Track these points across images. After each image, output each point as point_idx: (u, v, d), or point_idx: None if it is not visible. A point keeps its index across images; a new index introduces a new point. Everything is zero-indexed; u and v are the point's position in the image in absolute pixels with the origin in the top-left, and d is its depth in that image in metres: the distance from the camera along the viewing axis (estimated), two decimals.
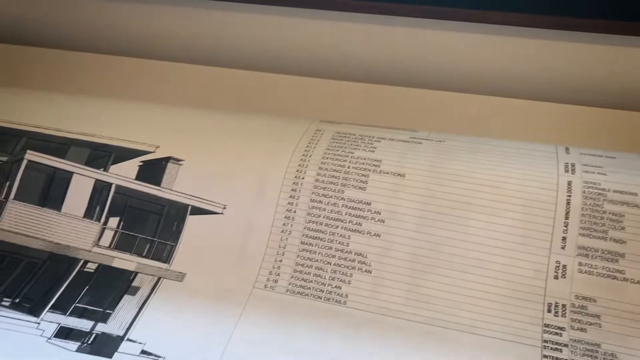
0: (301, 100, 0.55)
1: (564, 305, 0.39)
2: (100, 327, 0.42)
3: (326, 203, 0.44)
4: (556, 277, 0.40)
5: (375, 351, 0.39)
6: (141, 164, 0.48)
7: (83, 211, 0.47)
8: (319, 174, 0.45)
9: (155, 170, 0.47)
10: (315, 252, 0.43)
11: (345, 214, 0.44)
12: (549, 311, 0.39)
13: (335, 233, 0.43)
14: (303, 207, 0.44)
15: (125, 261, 0.45)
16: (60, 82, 0.58)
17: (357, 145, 0.46)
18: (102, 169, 0.48)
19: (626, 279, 0.39)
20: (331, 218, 0.44)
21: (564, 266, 0.40)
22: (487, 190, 0.42)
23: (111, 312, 0.42)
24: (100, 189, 0.47)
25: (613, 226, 0.40)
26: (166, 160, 0.47)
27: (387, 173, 0.44)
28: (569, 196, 0.41)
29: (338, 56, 0.55)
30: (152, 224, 0.46)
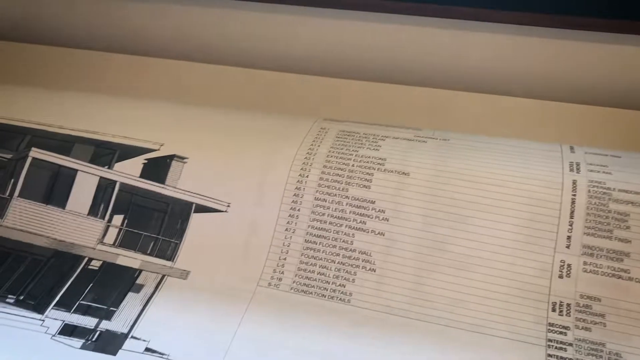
0: (305, 98, 0.55)
1: (569, 304, 0.39)
2: (104, 325, 0.42)
3: (330, 201, 0.44)
4: (561, 277, 0.39)
5: (379, 349, 0.39)
6: (145, 162, 0.48)
7: (87, 209, 0.47)
8: (323, 172, 0.45)
9: (159, 168, 0.47)
10: (319, 251, 0.43)
11: (349, 213, 0.43)
12: (554, 310, 0.39)
13: (339, 231, 0.43)
14: (307, 206, 0.44)
15: (129, 259, 0.45)
16: (65, 80, 0.58)
17: (362, 143, 0.46)
18: (107, 167, 0.48)
19: (631, 279, 0.39)
20: (335, 216, 0.44)
21: (569, 265, 0.40)
22: (492, 189, 0.42)
23: (115, 310, 0.42)
24: (104, 187, 0.47)
25: (618, 225, 0.40)
26: (170, 158, 0.47)
27: (392, 171, 0.44)
28: (574, 195, 0.41)
29: (342, 54, 0.55)
30: (157, 222, 0.46)
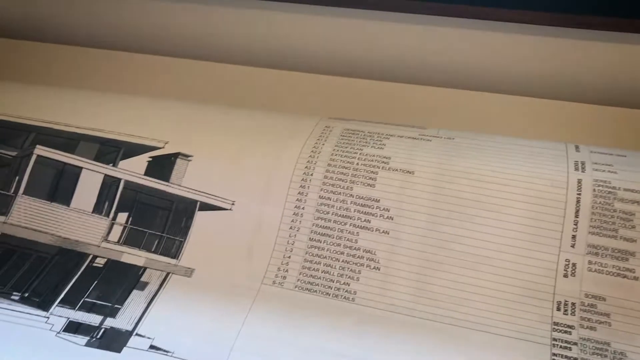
0: (310, 97, 0.55)
1: (574, 303, 0.39)
2: (109, 322, 0.42)
3: (335, 200, 0.44)
4: (565, 276, 0.39)
5: (383, 348, 0.39)
6: (150, 160, 0.48)
7: (92, 206, 0.47)
8: (328, 171, 0.45)
9: (164, 165, 0.47)
10: (323, 249, 0.43)
11: (354, 211, 0.43)
12: (559, 309, 0.39)
13: (343, 230, 0.43)
14: (312, 204, 0.44)
15: (134, 256, 0.45)
16: (70, 78, 0.58)
17: (366, 142, 0.46)
18: (111, 164, 0.48)
19: (636, 278, 0.38)
20: (340, 215, 0.44)
21: (574, 264, 0.39)
22: (497, 187, 0.42)
23: (120, 307, 0.42)
24: (109, 184, 0.47)
25: (623, 225, 0.40)
26: (175, 156, 0.47)
27: (396, 170, 0.44)
28: (579, 194, 0.41)
29: (347, 53, 0.55)
30: (161, 220, 0.46)
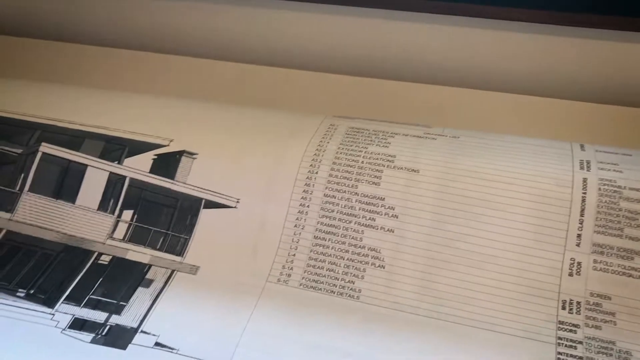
0: (315, 95, 0.55)
1: (579, 302, 0.39)
2: (114, 319, 0.42)
3: (340, 198, 0.44)
4: (571, 274, 0.39)
5: (388, 346, 0.39)
6: (155, 157, 0.48)
7: (97, 204, 0.47)
8: (333, 169, 0.45)
9: (169, 163, 0.47)
10: (328, 247, 0.43)
11: (358, 209, 0.43)
12: (564, 308, 0.39)
13: (348, 228, 0.43)
14: (316, 202, 0.44)
15: (139, 254, 0.45)
16: (75, 76, 0.58)
17: (371, 140, 0.46)
18: (117, 162, 0.48)
19: None
20: (345, 213, 0.44)
21: (579, 263, 0.39)
22: (502, 186, 0.42)
23: (125, 304, 0.43)
24: (114, 182, 0.47)
25: (629, 224, 0.40)
26: (180, 153, 0.47)
27: (401, 168, 0.44)
28: (584, 193, 0.41)
29: (352, 51, 0.55)
30: (166, 217, 0.46)
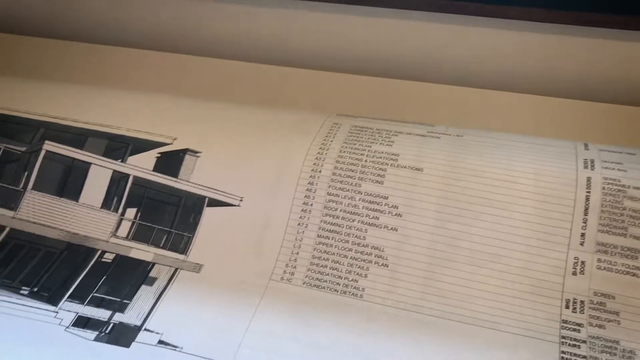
0: (318, 94, 0.55)
1: (582, 301, 0.39)
2: (117, 317, 0.42)
3: (343, 196, 0.44)
4: (574, 273, 0.39)
5: (391, 344, 0.39)
6: (159, 156, 0.48)
7: (101, 202, 0.47)
8: (336, 168, 0.45)
9: (172, 161, 0.47)
10: (331, 246, 0.43)
11: (362, 208, 0.43)
12: (567, 307, 0.39)
13: (352, 227, 0.43)
14: (320, 201, 0.44)
15: (142, 252, 0.45)
16: (78, 74, 0.58)
17: (375, 139, 0.46)
18: (120, 160, 0.48)
19: None
20: (348, 212, 0.44)
21: (583, 262, 0.39)
22: (506, 185, 0.42)
23: (129, 302, 0.43)
24: (117, 180, 0.47)
25: (633, 223, 0.40)
26: (184, 152, 0.47)
27: (405, 167, 0.44)
28: (588, 192, 0.41)
29: (355, 50, 0.55)
30: (170, 216, 0.46)
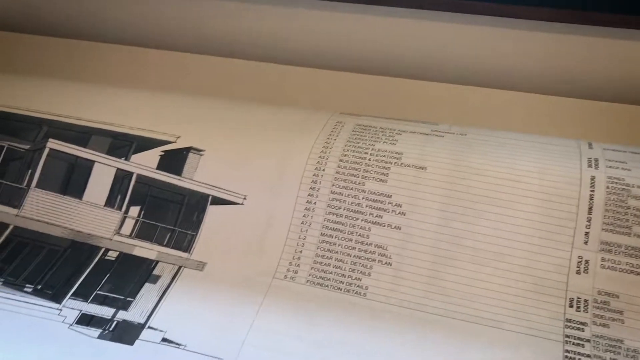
0: (322, 92, 0.55)
1: (586, 300, 0.39)
2: (121, 315, 0.42)
3: (347, 195, 0.44)
4: (578, 272, 0.39)
5: (395, 343, 0.39)
6: (162, 154, 0.48)
7: (104, 200, 0.47)
8: (340, 166, 0.45)
9: (176, 160, 0.47)
10: (335, 244, 0.43)
11: (365, 206, 0.43)
12: (571, 306, 0.39)
13: (355, 225, 0.43)
14: (323, 199, 0.44)
15: (146, 250, 0.45)
16: (82, 73, 0.58)
17: (378, 137, 0.46)
18: (124, 158, 0.48)
19: None
20: (351, 210, 0.44)
21: (587, 261, 0.39)
22: (510, 184, 0.42)
23: (132, 300, 0.43)
24: (121, 178, 0.47)
25: (637, 222, 0.39)
26: (187, 150, 0.47)
27: (409, 166, 0.44)
28: (592, 191, 0.41)
29: (359, 49, 0.55)
30: (173, 214, 0.46)
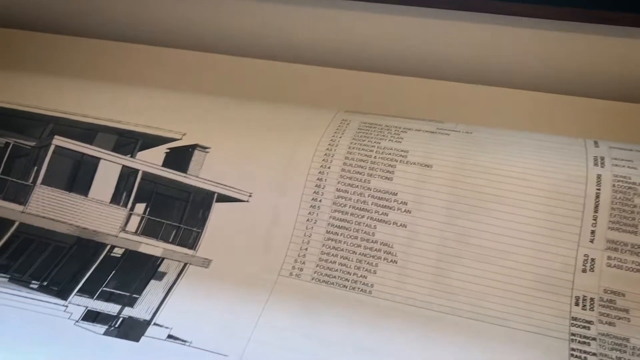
0: (327, 90, 0.55)
1: (592, 298, 0.39)
2: (127, 311, 0.42)
3: (352, 193, 0.44)
4: (584, 271, 0.39)
5: (400, 341, 0.39)
6: (168, 151, 0.48)
7: (110, 197, 0.47)
8: (345, 164, 0.45)
9: (182, 157, 0.47)
10: (340, 242, 0.43)
11: (371, 204, 0.43)
12: (577, 304, 0.39)
13: (361, 223, 0.43)
14: (329, 197, 0.44)
15: (151, 247, 0.45)
16: (88, 70, 0.58)
17: (384, 135, 0.46)
18: (129, 155, 0.48)
19: None
20: (357, 208, 0.44)
21: (593, 260, 0.39)
22: (515, 182, 0.42)
23: (138, 297, 0.43)
24: (127, 175, 0.48)
25: None
26: (193, 147, 0.48)
27: (414, 164, 0.44)
28: (598, 189, 0.41)
29: (364, 47, 0.55)
30: (179, 211, 0.46)
